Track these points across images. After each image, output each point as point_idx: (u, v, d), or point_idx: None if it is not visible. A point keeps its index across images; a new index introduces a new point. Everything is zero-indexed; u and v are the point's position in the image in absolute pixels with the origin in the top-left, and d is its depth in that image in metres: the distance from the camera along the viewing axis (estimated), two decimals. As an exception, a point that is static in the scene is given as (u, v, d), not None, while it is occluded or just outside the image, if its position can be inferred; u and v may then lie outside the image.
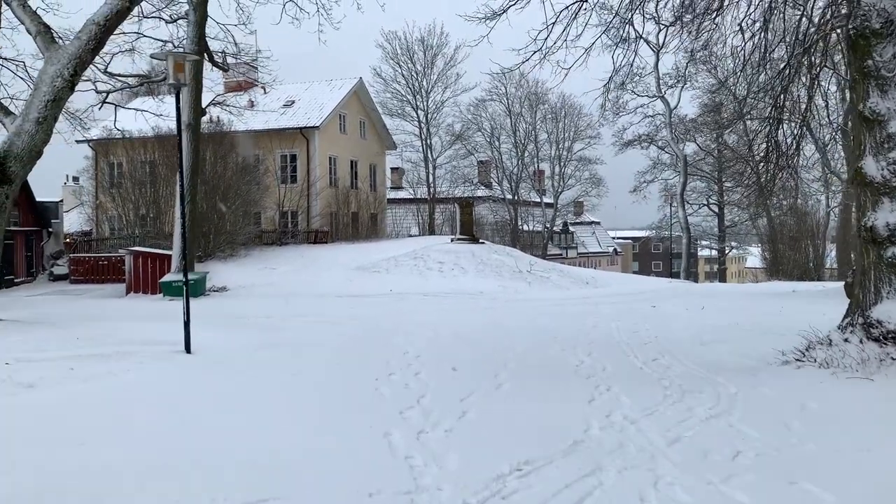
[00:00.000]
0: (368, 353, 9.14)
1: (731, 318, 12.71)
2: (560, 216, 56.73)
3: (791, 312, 13.97)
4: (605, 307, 15.88)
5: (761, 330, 10.59)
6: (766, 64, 25.03)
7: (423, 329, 11.38)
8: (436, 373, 7.70)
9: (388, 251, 27.09)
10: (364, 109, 41.65)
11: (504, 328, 11.49)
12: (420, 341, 10.02)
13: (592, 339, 10.24)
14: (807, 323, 11.83)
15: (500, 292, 20.05)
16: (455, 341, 10.13)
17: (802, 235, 35.39)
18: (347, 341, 10.42)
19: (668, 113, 42.26)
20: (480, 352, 9.14)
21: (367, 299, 18.18)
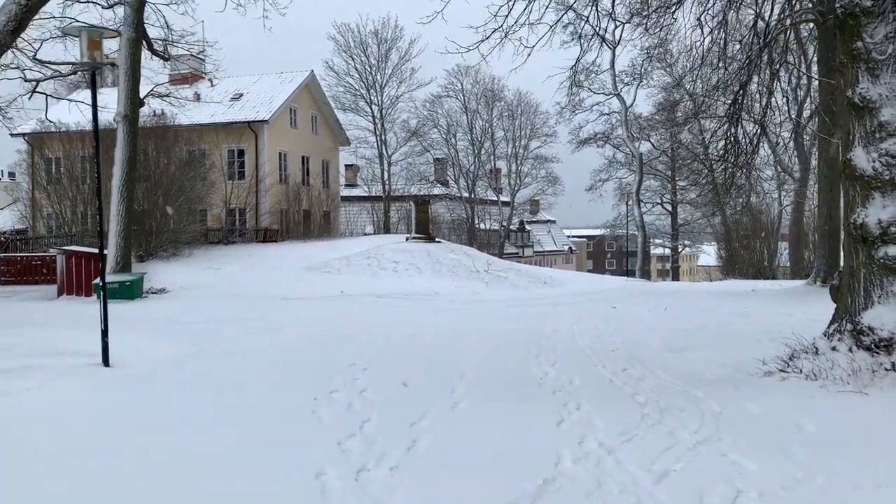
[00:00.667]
0: (311, 365, 8.20)
1: (696, 321, 12.09)
2: (517, 215, 56.25)
3: (757, 314, 13.46)
4: (565, 308, 15.19)
5: (732, 334, 9.96)
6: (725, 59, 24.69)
7: (374, 335, 10.48)
8: (384, 388, 6.82)
9: (341, 250, 26.08)
10: (316, 103, 40.48)
11: (461, 333, 10.66)
12: (370, 350, 9.12)
13: (555, 344, 9.47)
14: (777, 325, 11.32)
15: (456, 293, 19.23)
16: (408, 349, 9.26)
17: (757, 234, 35.38)
18: (289, 351, 9.45)
19: (623, 111, 42.01)
20: (435, 361, 8.28)
21: (317, 301, 17.18)
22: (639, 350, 8.80)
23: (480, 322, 12.14)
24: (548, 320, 12.42)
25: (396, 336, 10.25)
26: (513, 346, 9.22)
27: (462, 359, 8.30)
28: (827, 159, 20.22)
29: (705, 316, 13.14)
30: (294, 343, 10.15)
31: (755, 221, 35.87)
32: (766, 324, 11.51)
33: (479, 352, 8.85)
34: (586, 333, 10.43)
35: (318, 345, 9.86)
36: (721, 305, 15.80)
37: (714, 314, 13.51)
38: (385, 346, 9.49)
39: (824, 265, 20.13)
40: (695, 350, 8.63)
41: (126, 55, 20.47)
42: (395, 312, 14.07)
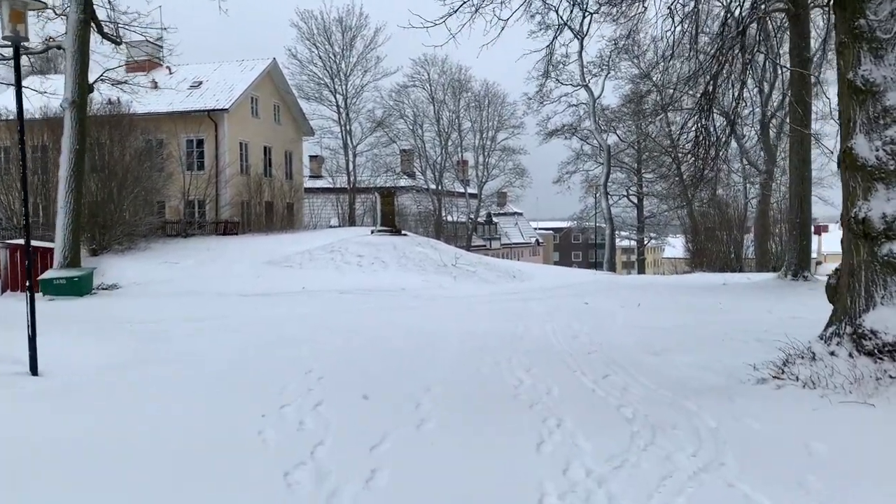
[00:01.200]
0: (262, 374, 7.44)
1: (673, 318, 11.55)
2: (484, 207, 55.68)
3: (734, 309, 12.99)
4: (536, 304, 14.58)
5: (714, 334, 9.40)
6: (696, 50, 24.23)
7: (334, 336, 9.73)
8: (342, 402, 6.10)
9: (304, 243, 25.20)
10: (278, 92, 39.39)
11: (427, 333, 9.96)
12: (329, 354, 8.38)
13: (528, 346, 8.83)
14: (759, 323, 10.82)
15: (423, 288, 18.53)
16: (371, 353, 8.53)
17: (724, 226, 35.22)
18: (241, 355, 8.67)
19: (591, 102, 41.60)
20: (400, 367, 7.58)
21: (276, 298, 16.35)
22: (618, 352, 8.19)
23: (449, 321, 11.46)
24: (519, 318, 11.78)
25: (359, 338, 9.52)
26: (484, 349, 8.54)
27: (428, 365, 7.61)
28: (798, 151, 19.91)
29: (681, 312, 12.63)
30: (247, 346, 9.36)
31: (722, 214, 35.71)
32: (746, 321, 11.03)
33: (447, 356, 8.16)
34: (560, 333, 9.80)
35: (274, 348, 9.08)
36: (694, 300, 15.33)
37: (689, 310, 13.01)
38: (346, 349, 8.75)
39: (795, 258, 19.83)
40: (677, 352, 8.05)
41: (73, 37, 19.32)
42: (358, 310, 13.32)
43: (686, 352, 8.05)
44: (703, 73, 21.30)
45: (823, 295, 16.26)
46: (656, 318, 11.72)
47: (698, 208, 36.88)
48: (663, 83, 36.53)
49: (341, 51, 39.33)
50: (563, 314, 12.46)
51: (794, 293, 16.78)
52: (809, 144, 20.15)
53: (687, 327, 10.24)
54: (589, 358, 7.97)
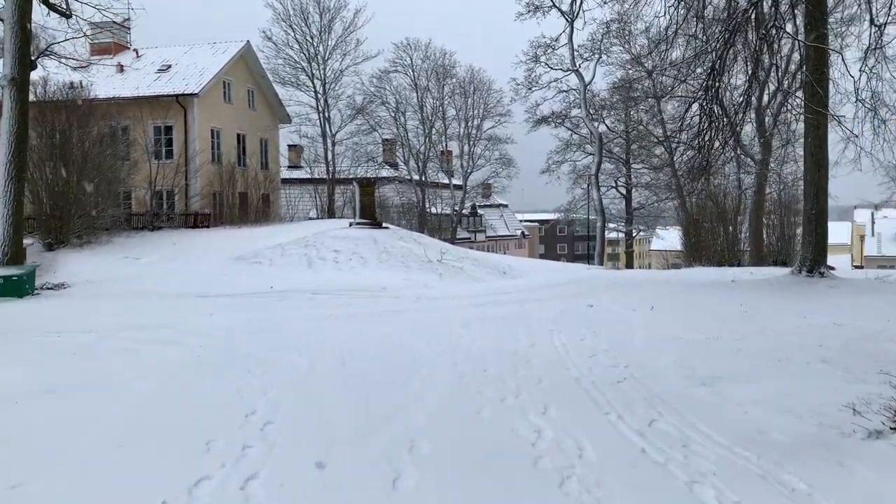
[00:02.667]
0: (189, 416, 5.55)
1: (700, 328, 9.75)
2: (469, 198, 53.79)
3: (762, 315, 11.22)
4: (534, 307, 12.75)
5: (762, 351, 7.60)
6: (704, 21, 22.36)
7: (295, 355, 7.84)
8: (285, 474, 4.24)
9: (277, 237, 23.25)
10: (253, 77, 37.28)
11: (410, 351, 8.09)
12: (284, 384, 6.50)
13: (538, 371, 6.97)
14: (805, 335, 9.06)
15: (406, 287, 16.65)
16: (338, 383, 6.64)
17: (722, 219, 33.59)
18: (171, 384, 6.77)
19: (582, 88, 39.80)
20: (374, 408, 5.69)
21: (240, 300, 14.42)
22: (654, 381, 6.37)
23: (436, 331, 9.60)
24: (519, 327, 9.93)
25: (326, 358, 7.62)
26: (483, 377, 6.68)
27: (414, 403, 5.74)
28: (815, 136, 18.16)
29: (705, 319, 10.86)
30: (185, 368, 7.46)
31: (719, 206, 34.09)
32: (785, 331, 9.28)
33: (437, 388, 6.29)
34: (573, 350, 7.97)
35: (218, 372, 7.18)
36: (711, 302, 13.61)
37: (712, 316, 11.25)
38: (307, 376, 6.86)
39: (810, 253, 18.13)
40: (732, 381, 6.24)
41: (12, 7, 17.19)
42: (329, 316, 11.40)
43: (743, 381, 6.24)
44: (710, 51, 19.58)
45: (849, 294, 14.59)
46: (680, 326, 9.92)
47: (694, 200, 35.20)
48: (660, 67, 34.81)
49: (319, 33, 37.23)
50: (568, 321, 10.63)
51: (815, 292, 15.12)
52: (826, 128, 18.46)
53: (723, 341, 8.44)
54: (620, 389, 6.13)
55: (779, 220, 33.53)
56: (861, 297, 13.86)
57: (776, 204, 34.98)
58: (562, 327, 9.88)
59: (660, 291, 15.87)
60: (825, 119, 18.53)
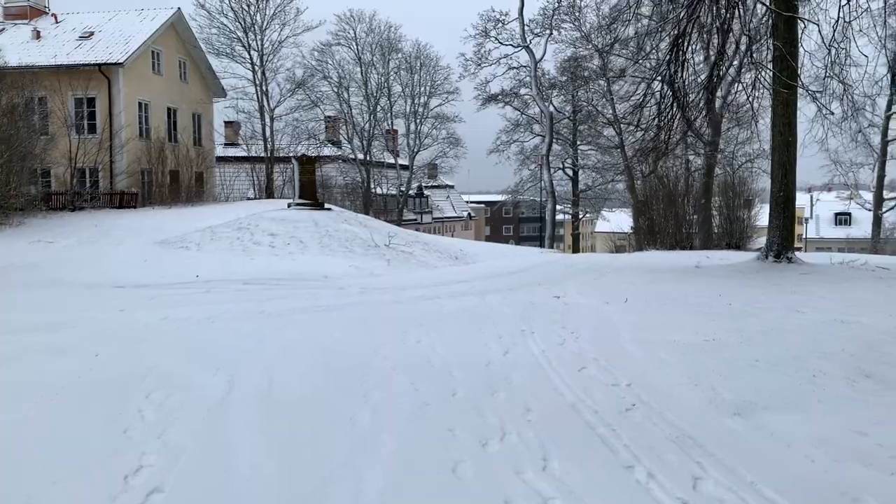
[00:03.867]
0: (42, 478, 3.95)
1: (689, 325, 8.47)
2: (416, 179, 52.13)
3: (749, 309, 10.05)
4: (496, 299, 11.35)
5: (782, 360, 6.32)
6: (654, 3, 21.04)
7: (209, 372, 6.21)
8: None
9: (209, 219, 21.35)
10: (185, 47, 34.84)
11: (357, 363, 6.53)
12: (186, 419, 4.87)
13: (523, 394, 5.43)
14: (808, 334, 7.78)
15: (351, 276, 15.08)
16: (259, 420, 4.95)
17: (673, 201, 32.81)
18: (36, 417, 5.10)
19: (533, 65, 38.49)
20: (306, 466, 4.12)
21: (157, 292, 12.62)
22: (671, 408, 4.99)
23: (388, 333, 8.08)
24: (485, 327, 8.50)
25: (248, 377, 5.99)
26: (452, 404, 5.17)
27: (363, 454, 4.17)
28: (783, 114, 17.15)
29: (688, 314, 9.65)
30: (64, 390, 5.78)
31: (671, 188, 33.28)
32: (787, 330, 8.09)
33: (393, 425, 4.68)
34: (557, 359, 6.57)
35: (104, 398, 5.52)
36: (686, 292, 12.46)
37: (695, 309, 10.05)
38: (221, 405, 5.24)
39: (778, 237, 17.20)
40: (770, 409, 4.89)
41: None
42: (259, 315, 9.75)
43: (783, 407, 4.91)
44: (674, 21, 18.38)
45: (827, 282, 13.59)
46: (667, 324, 8.63)
47: (643, 182, 34.36)
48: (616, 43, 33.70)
49: (256, 1, 34.91)
50: (539, 318, 9.26)
51: (790, 280, 14.17)
52: (795, 105, 17.51)
53: (728, 347, 7.15)
54: (632, 422, 4.71)
55: (725, 203, 32.99)
56: (842, 287, 12.92)
57: (723, 186, 34.47)
58: (534, 326, 8.48)
59: (625, 279, 14.70)
60: (795, 95, 17.59)
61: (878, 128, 39.36)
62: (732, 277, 14.81)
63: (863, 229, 54.45)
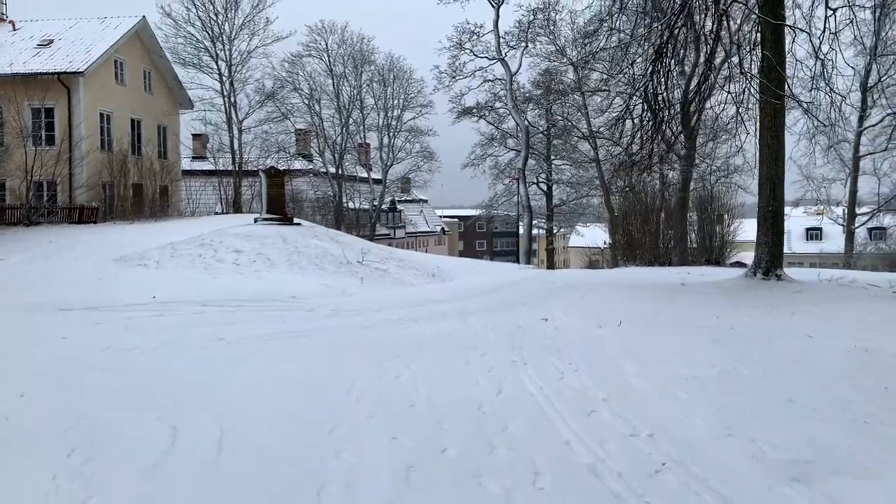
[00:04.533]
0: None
1: (702, 357, 7.65)
2: (389, 193, 51.13)
3: (761, 335, 9.26)
4: (480, 323, 10.45)
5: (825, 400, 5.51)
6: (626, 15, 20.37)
7: (149, 420, 5.20)
8: None
9: (171, 235, 20.21)
10: (150, 57, 33.66)
11: (326, 408, 5.50)
12: (112, 489, 3.90)
13: (526, 449, 4.46)
14: (833, 364, 6.97)
15: (321, 295, 14.08)
16: (203, 494, 4.02)
17: (651, 216, 32.21)
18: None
19: (508, 78, 37.85)
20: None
21: (108, 315, 11.52)
22: (711, 470, 4.10)
23: (361, 366, 7.12)
24: (471, 356, 7.59)
25: (195, 428, 4.92)
26: (442, 467, 4.16)
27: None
28: (771, 126, 16.54)
29: (691, 339, 8.84)
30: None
31: (648, 203, 32.68)
32: (809, 359, 7.30)
33: None
34: (559, 399, 5.65)
35: (20, 456, 4.51)
36: (680, 313, 11.67)
37: (695, 333, 9.27)
38: (157, 469, 4.13)
39: (766, 254, 16.54)
40: (836, 473, 4.00)
41: None
42: (219, 342, 8.72)
43: (851, 470, 4.02)
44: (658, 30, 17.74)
45: (824, 301, 12.87)
46: (671, 352, 7.80)
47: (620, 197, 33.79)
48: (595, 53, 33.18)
49: (224, 10, 33.86)
50: (530, 344, 8.37)
51: (782, 299, 13.47)
52: (783, 117, 16.93)
53: (748, 381, 6.31)
54: (666, 490, 3.79)
55: (702, 218, 32.55)
56: (839, 307, 12.22)
57: (699, 201, 34.04)
58: (526, 356, 7.58)
59: (611, 298, 13.91)
60: (783, 107, 17.02)
61: (850, 143, 39.37)
62: (723, 296, 14.09)
63: (834, 244, 54.48)
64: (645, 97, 17.49)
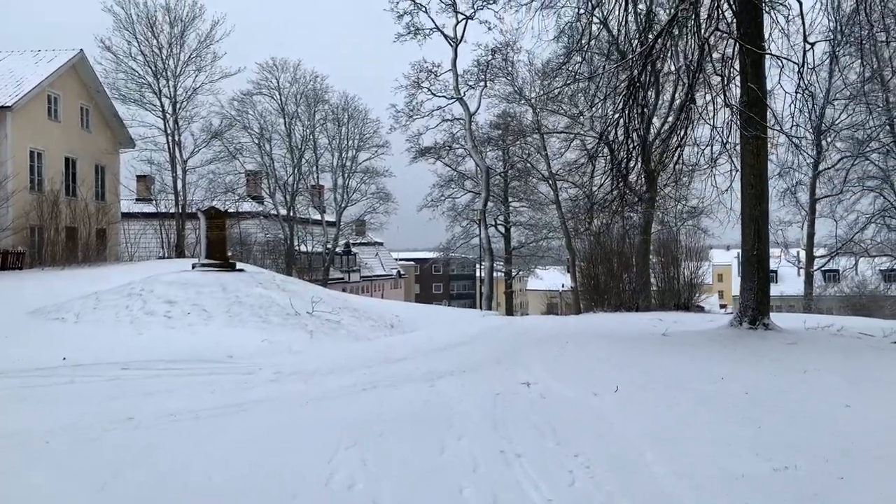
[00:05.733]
0: None
1: (733, 438, 6.15)
2: (343, 236, 49.31)
3: (789, 402, 7.82)
4: (451, 389, 8.81)
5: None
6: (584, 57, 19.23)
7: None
8: None
9: (102, 282, 18.16)
10: (88, 92, 31.68)
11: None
12: None
13: None
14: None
15: (264, 353, 12.26)
16: None
17: (618, 260, 31.02)
18: None
19: (467, 118, 36.79)
20: None
21: (5, 383, 9.52)
22: None
23: (302, 466, 5.40)
24: (447, 442, 5.93)
25: None
26: None
27: None
28: (754, 164, 15.45)
29: (709, 410, 7.36)
30: None
31: (611, 247, 31.51)
32: (878, 443, 5.86)
33: None
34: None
35: None
36: (678, 372, 10.26)
37: (710, 401, 7.81)
38: None
39: (752, 301, 15.30)
40: None
41: None
42: (124, 426, 6.86)
43: None
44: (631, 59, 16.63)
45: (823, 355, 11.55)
46: (696, 432, 6.27)
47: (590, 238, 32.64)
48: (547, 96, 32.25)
49: (169, 45, 32.14)
50: (518, 423, 6.74)
51: (780, 353, 12.21)
52: (766, 155, 15.89)
53: (818, 481, 4.80)
54: None
55: (668, 261, 31.53)
56: (847, 362, 10.93)
57: (661, 244, 33.14)
58: (517, 442, 5.94)
59: (592, 353, 12.41)
60: (765, 144, 15.98)
61: (806, 186, 39.24)
62: (716, 350, 12.71)
63: (791, 287, 54.37)
64: (608, 141, 16.51)
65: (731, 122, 14.76)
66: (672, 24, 14.00)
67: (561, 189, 40.76)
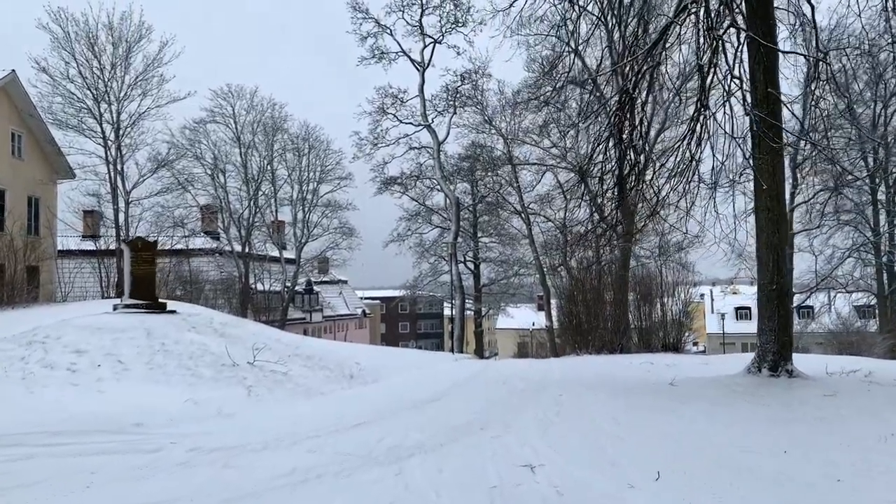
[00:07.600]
0: None
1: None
2: (303, 273, 46.48)
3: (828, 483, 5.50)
4: (425, 479, 6.37)
5: None
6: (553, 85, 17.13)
7: None
8: None
9: (9, 328, 15.28)
10: (20, 117, 28.84)
11: None
12: None
13: None
14: None
15: (184, 418, 9.62)
16: None
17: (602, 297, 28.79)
18: None
19: (435, 146, 34.63)
20: None
21: None
22: None
23: None
24: None
25: None
26: None
27: None
28: (772, 183, 13.33)
29: None
30: None
31: (598, 282, 29.29)
32: None
33: None
34: None
35: None
36: (715, 438, 7.99)
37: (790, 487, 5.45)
38: None
39: (773, 343, 13.08)
40: None
41: None
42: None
43: None
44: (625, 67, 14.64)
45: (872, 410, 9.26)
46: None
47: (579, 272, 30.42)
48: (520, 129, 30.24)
49: (112, 66, 29.52)
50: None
51: (820, 407, 10.07)
52: (783, 177, 13.82)
53: None
54: None
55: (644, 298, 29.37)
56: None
57: (636, 279, 31.08)
58: None
59: (594, 411, 10.10)
60: (781, 162, 13.96)
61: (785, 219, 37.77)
62: (743, 406, 10.46)
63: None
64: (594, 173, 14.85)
65: (742, 137, 12.72)
66: (678, 13, 12.00)
67: (534, 223, 38.82)
